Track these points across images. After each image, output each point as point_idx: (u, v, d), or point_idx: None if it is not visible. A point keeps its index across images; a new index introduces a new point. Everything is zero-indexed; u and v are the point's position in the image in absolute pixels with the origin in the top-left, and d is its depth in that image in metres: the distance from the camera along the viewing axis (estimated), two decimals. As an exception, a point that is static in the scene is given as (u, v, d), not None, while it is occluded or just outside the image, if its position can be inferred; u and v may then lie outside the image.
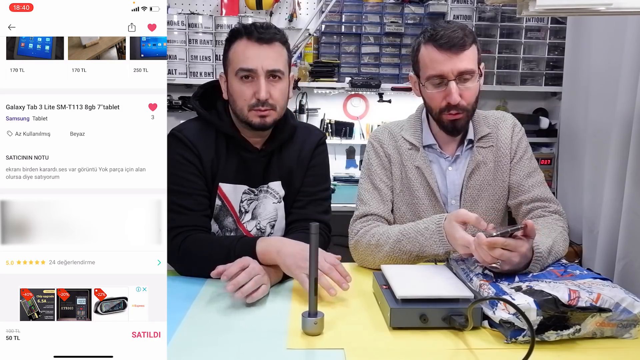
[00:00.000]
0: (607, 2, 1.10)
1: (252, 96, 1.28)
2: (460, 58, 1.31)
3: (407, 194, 1.44)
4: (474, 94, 1.36)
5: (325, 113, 2.94)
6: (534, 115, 2.92)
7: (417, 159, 1.43)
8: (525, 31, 2.76)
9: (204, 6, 2.86)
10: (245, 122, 1.31)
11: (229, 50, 1.32)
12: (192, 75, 2.72)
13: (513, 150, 1.45)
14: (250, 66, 1.26)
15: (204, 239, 1.27)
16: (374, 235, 1.34)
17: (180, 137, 1.32)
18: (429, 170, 1.42)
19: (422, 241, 1.26)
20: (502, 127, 1.46)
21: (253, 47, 1.27)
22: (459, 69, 1.31)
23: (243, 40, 1.28)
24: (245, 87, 1.28)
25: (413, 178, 1.43)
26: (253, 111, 1.29)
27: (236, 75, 1.28)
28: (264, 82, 1.27)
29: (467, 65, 1.31)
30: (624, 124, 1.96)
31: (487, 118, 1.49)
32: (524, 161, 1.44)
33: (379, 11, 2.78)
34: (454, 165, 1.45)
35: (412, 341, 0.93)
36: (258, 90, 1.27)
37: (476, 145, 1.44)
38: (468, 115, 1.38)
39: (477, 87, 1.36)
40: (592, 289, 0.94)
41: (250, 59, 1.26)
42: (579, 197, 2.48)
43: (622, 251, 1.91)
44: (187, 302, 1.09)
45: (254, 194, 1.40)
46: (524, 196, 1.41)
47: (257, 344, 0.92)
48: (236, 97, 1.30)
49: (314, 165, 1.44)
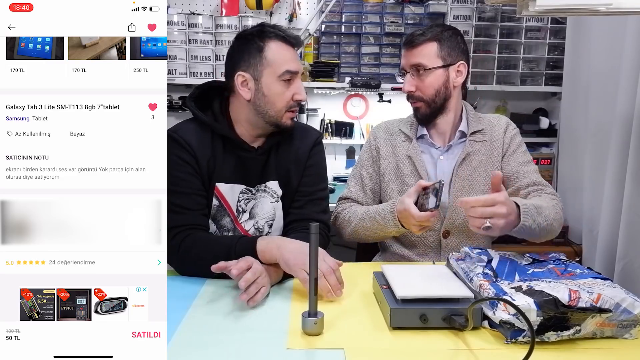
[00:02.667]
0: (607, 2, 1.10)
1: (291, 98, 1.32)
2: (413, 53, 1.51)
3: (398, 182, 1.57)
4: (429, 86, 1.52)
5: (325, 113, 2.94)
6: (534, 115, 2.92)
7: (409, 149, 1.58)
8: (525, 31, 2.75)
9: (204, 6, 2.86)
10: (275, 124, 1.34)
11: (262, 50, 1.30)
12: (192, 75, 2.72)
13: (506, 145, 1.56)
14: (295, 68, 1.31)
15: (204, 238, 1.27)
16: (347, 212, 1.54)
17: (175, 137, 1.32)
18: (419, 159, 1.55)
19: (379, 220, 1.42)
20: (495, 125, 1.59)
21: (291, 50, 1.32)
22: (410, 62, 1.52)
23: (281, 42, 1.30)
24: (287, 88, 1.31)
25: (404, 167, 1.57)
26: (289, 112, 1.33)
27: (279, 76, 1.30)
28: (301, 84, 1.32)
29: (419, 60, 1.50)
30: (624, 124, 1.96)
31: (482, 117, 1.62)
32: (517, 154, 1.55)
33: (379, 11, 2.78)
34: (445, 155, 1.57)
35: (412, 341, 0.93)
36: (299, 91, 1.32)
37: (469, 139, 1.55)
38: (428, 106, 1.54)
39: (432, 80, 1.51)
40: (592, 289, 0.94)
41: (294, 61, 1.31)
42: (579, 197, 2.48)
43: (622, 251, 1.91)
44: (187, 302, 1.09)
45: (251, 194, 1.40)
46: (520, 182, 1.51)
47: (257, 344, 0.92)
48: (276, 99, 1.31)
49: (311, 165, 1.44)
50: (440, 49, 1.51)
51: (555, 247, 2.40)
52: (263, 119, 1.33)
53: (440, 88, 1.52)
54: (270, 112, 1.32)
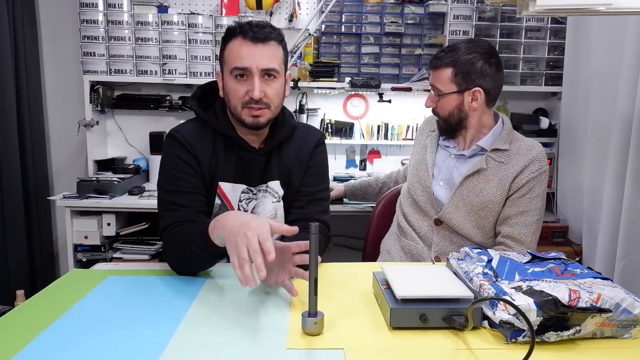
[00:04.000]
0: (607, 2, 1.10)
1: (246, 94, 1.29)
2: (433, 75, 1.64)
3: (413, 163, 1.79)
4: (442, 108, 1.64)
5: (325, 113, 2.94)
6: (534, 115, 2.92)
7: (429, 138, 1.76)
8: (525, 31, 2.75)
9: (204, 6, 2.86)
10: (239, 121, 1.33)
11: (224, 49, 1.33)
12: (192, 75, 2.72)
13: (518, 184, 1.55)
14: (244, 65, 1.27)
15: (180, 231, 1.24)
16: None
17: (177, 137, 1.33)
18: (431, 149, 1.73)
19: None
20: (523, 154, 1.58)
21: (248, 46, 1.28)
22: (430, 82, 1.65)
23: (238, 39, 1.29)
24: (239, 85, 1.29)
25: (420, 153, 1.77)
26: (246, 109, 1.30)
27: (231, 73, 1.29)
28: (258, 81, 1.27)
29: (435, 83, 1.63)
30: (624, 124, 1.96)
31: (515, 140, 1.62)
32: (524, 199, 1.56)
33: (379, 11, 2.78)
34: (460, 160, 1.65)
35: (412, 341, 0.93)
36: (252, 89, 1.27)
37: (488, 155, 1.59)
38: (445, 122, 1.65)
39: (445, 103, 1.61)
40: (592, 289, 0.94)
41: (244, 57, 1.27)
42: (579, 197, 2.48)
43: (622, 251, 1.91)
44: (187, 302, 1.09)
45: (253, 193, 1.40)
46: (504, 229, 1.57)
47: (257, 344, 0.92)
48: (230, 96, 1.31)
49: (313, 165, 1.44)
50: (455, 75, 1.57)
51: (555, 247, 2.40)
52: (233, 117, 1.35)
53: (453, 110, 1.61)
54: (231, 109, 1.33)
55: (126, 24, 2.67)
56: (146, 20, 2.67)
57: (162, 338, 0.92)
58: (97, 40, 2.67)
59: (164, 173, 1.34)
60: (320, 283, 0.96)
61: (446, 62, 1.57)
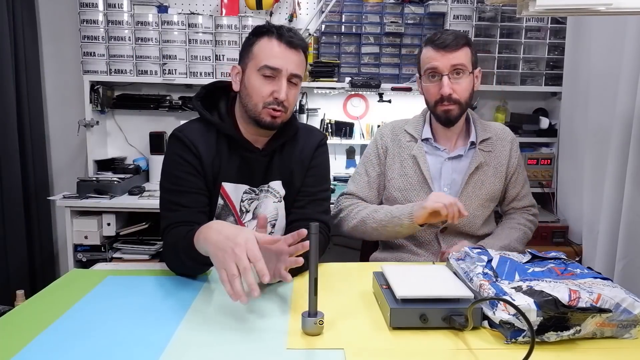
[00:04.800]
0: (607, 2, 1.10)
1: (270, 94, 1.30)
2: (455, 56, 1.52)
3: (402, 180, 1.63)
4: (465, 89, 1.55)
5: (325, 113, 2.94)
6: (534, 115, 2.92)
7: (414, 149, 1.63)
8: (525, 31, 2.75)
9: (204, 6, 2.86)
10: (254, 119, 1.32)
11: (253, 44, 1.32)
12: (192, 75, 2.72)
13: (512, 166, 1.67)
14: (276, 65, 1.28)
15: (177, 233, 1.22)
16: (355, 206, 1.62)
17: (180, 137, 1.33)
18: (423, 159, 1.61)
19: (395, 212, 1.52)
20: (502, 136, 1.68)
21: (281, 48, 1.29)
22: (451, 63, 1.52)
23: (273, 39, 1.30)
24: (266, 84, 1.30)
25: (408, 166, 1.63)
26: (267, 109, 1.31)
27: (258, 71, 1.29)
28: (286, 84, 1.29)
29: (462, 61, 1.53)
30: (624, 124, 1.96)
31: (487, 125, 1.70)
32: (520, 175, 1.70)
33: (379, 11, 2.78)
34: (454, 161, 1.63)
35: (412, 341, 0.93)
36: (279, 90, 1.29)
37: (478, 147, 1.62)
38: (460, 108, 1.56)
39: (467, 83, 1.56)
40: (592, 289, 0.94)
41: (277, 58, 1.28)
42: (579, 197, 2.48)
43: (622, 251, 1.91)
44: (187, 302, 1.09)
45: (255, 194, 1.40)
46: (521, 203, 1.71)
47: (257, 344, 0.92)
48: (252, 92, 1.31)
49: (314, 166, 1.44)
50: (472, 54, 1.57)
51: (555, 247, 2.40)
52: (247, 114, 1.34)
53: (471, 91, 1.59)
54: (249, 106, 1.32)
55: (126, 24, 2.67)
56: (146, 20, 2.67)
57: (162, 338, 0.92)
58: (97, 40, 2.67)
59: (166, 173, 1.34)
60: (320, 283, 0.96)
61: (465, 42, 1.55)
